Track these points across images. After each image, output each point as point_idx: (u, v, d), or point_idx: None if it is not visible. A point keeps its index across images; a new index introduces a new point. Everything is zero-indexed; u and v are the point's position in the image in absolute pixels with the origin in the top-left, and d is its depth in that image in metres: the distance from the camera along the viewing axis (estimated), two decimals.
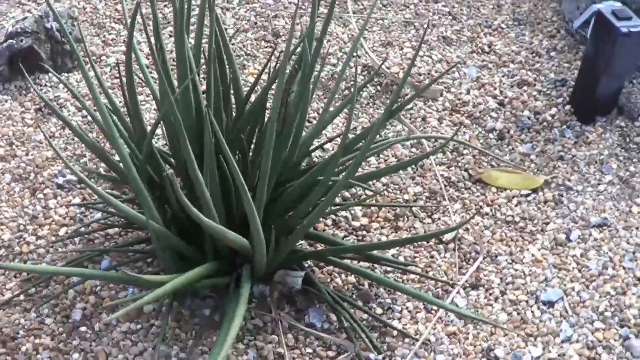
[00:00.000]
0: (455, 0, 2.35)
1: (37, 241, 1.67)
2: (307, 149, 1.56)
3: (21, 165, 1.84)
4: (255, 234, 1.24)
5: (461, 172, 1.80)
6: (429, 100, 1.99)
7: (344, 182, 1.31)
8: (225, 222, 1.43)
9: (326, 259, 1.52)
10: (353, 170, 1.31)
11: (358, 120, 1.96)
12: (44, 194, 1.77)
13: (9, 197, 1.77)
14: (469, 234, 1.66)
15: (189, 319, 1.52)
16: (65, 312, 1.55)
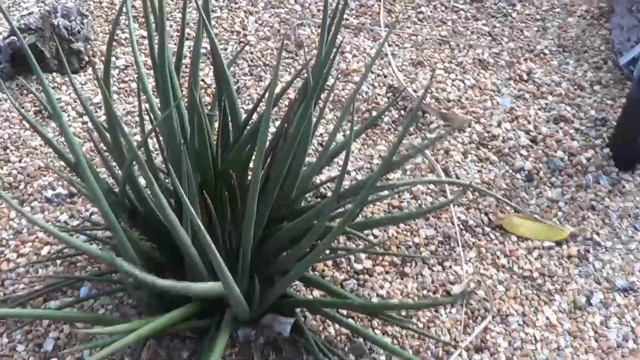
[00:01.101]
0: (498, 19, 2.26)
1: (18, 259, 1.65)
2: (306, 186, 1.49)
3: (12, 172, 1.82)
4: (229, 290, 1.18)
5: (481, 216, 1.72)
6: (455, 131, 1.91)
7: (336, 232, 1.25)
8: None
9: (319, 311, 1.46)
10: (346, 221, 1.24)
11: (376, 147, 1.89)
12: (31, 206, 1.74)
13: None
14: (480, 287, 1.59)
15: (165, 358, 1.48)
16: (38, 340, 1.52)
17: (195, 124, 1.27)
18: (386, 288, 1.60)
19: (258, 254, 1.47)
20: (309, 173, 1.47)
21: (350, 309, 1.44)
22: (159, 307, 1.46)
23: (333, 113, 1.99)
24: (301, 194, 1.47)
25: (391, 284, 1.61)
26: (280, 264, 1.47)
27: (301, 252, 1.40)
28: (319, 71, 1.37)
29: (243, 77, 2.07)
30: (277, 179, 1.38)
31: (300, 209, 1.49)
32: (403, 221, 1.65)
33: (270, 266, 1.48)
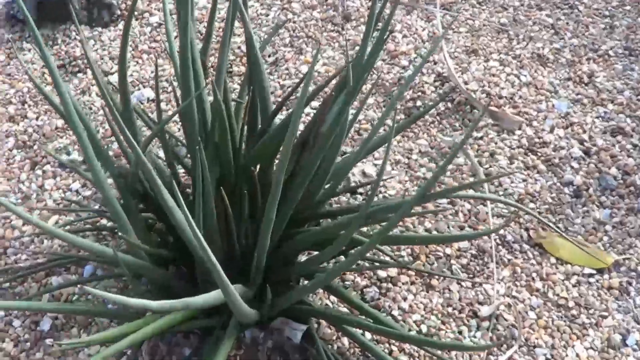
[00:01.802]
0: (563, 11, 2.15)
1: (24, 227, 1.60)
2: (335, 185, 1.42)
3: (28, 130, 1.77)
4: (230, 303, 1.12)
5: (520, 231, 1.64)
6: (504, 132, 1.82)
7: (365, 250, 1.17)
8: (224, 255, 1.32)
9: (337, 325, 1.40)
10: (375, 241, 1.16)
11: (416, 141, 1.81)
12: (43, 170, 1.70)
13: (7, 165, 1.70)
14: (510, 312, 1.51)
15: (165, 356, 1.43)
16: (35, 317, 1.48)
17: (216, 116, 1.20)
18: (409, 300, 1.53)
19: (275, 255, 1.40)
20: (340, 173, 1.39)
21: (368, 330, 1.37)
22: (163, 297, 1.41)
23: (375, 97, 1.91)
24: (328, 197, 1.39)
25: (415, 297, 1.54)
26: (299, 267, 1.40)
27: (323, 261, 1.34)
28: (362, 69, 1.28)
29: (282, 49, 1.99)
30: (303, 181, 1.31)
31: (325, 212, 1.42)
32: (437, 243, 1.57)
33: (287, 268, 1.42)
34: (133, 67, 1.92)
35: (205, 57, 1.35)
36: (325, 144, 1.29)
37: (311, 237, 1.35)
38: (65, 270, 1.54)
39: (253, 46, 1.27)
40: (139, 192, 1.39)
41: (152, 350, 1.44)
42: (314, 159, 1.29)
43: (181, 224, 1.15)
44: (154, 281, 1.37)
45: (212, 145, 1.25)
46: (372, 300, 1.53)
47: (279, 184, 1.12)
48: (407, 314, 1.51)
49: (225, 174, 1.32)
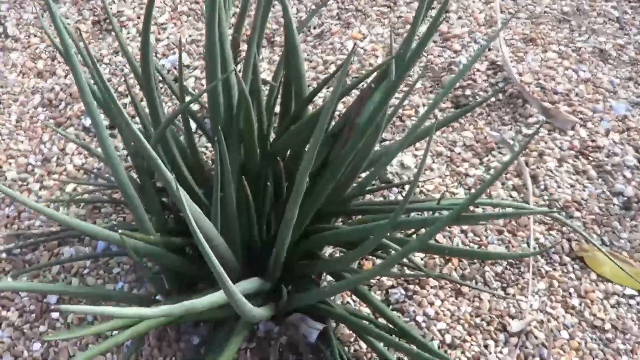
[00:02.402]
0: (630, 5, 2.03)
1: (41, 191, 1.56)
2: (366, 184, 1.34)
3: (55, 88, 1.71)
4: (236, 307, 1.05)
5: (562, 241, 1.55)
6: (556, 131, 1.73)
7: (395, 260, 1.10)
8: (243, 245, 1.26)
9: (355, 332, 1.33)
10: (406, 254, 1.09)
11: (461, 133, 1.72)
12: (67, 132, 1.63)
13: (31, 124, 1.65)
14: (541, 329, 1.43)
15: (173, 343, 1.38)
16: None
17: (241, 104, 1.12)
18: (436, 306, 1.46)
19: (297, 249, 1.34)
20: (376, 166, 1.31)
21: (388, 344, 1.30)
22: (175, 281, 1.36)
23: (422, 81, 1.82)
24: (358, 194, 1.32)
25: (443, 303, 1.47)
26: (321, 265, 1.34)
27: (347, 263, 1.27)
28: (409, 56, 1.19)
29: (329, 21, 1.91)
30: (332, 175, 1.24)
31: (355, 209, 1.35)
32: (469, 257, 1.48)
33: (308, 264, 1.35)
34: (170, 29, 1.85)
35: (238, 34, 1.27)
36: (360, 138, 1.21)
37: (335, 237, 1.29)
38: (78, 240, 1.50)
39: (292, 34, 1.19)
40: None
41: (159, 335, 1.39)
42: (346, 153, 1.22)
43: (186, 217, 1.08)
44: (167, 267, 1.31)
45: (236, 131, 1.18)
46: (397, 303, 1.46)
47: (302, 182, 1.05)
48: (432, 320, 1.44)
49: (249, 162, 1.25)
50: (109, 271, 1.45)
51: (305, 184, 1.06)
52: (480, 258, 1.45)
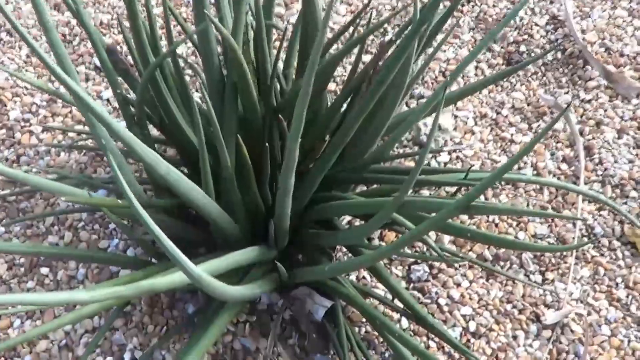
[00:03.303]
0: None
1: (42, 134, 1.43)
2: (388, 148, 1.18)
3: (71, 22, 1.58)
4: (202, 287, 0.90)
5: (613, 224, 1.37)
6: (618, 98, 1.53)
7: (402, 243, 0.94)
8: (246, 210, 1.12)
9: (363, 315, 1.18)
10: (424, 231, 0.93)
11: (511, 93, 1.54)
12: (77, 71, 1.50)
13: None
14: (580, 323, 1.26)
15: (165, 310, 1.25)
16: (36, 239, 1.31)
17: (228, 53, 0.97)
18: (462, 288, 1.30)
19: (304, 218, 1.19)
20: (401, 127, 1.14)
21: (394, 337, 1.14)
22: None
23: (472, 34, 1.63)
24: (376, 160, 1.16)
25: (470, 285, 1.31)
26: (326, 237, 1.19)
27: (352, 239, 1.12)
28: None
29: None
30: (341, 139, 1.08)
31: (369, 177, 1.19)
32: (495, 244, 1.30)
33: (315, 235, 1.20)
34: None
35: None
36: (370, 101, 1.05)
37: (340, 209, 1.13)
38: None
39: None
40: (152, 120, 1.19)
41: (151, 301, 1.26)
42: (357, 113, 1.05)
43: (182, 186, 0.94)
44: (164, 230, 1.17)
45: (231, 84, 1.03)
46: (418, 282, 1.31)
47: (293, 148, 0.89)
48: (456, 304, 1.28)
49: (251, 118, 1.10)
50: (105, 226, 1.33)
51: (297, 148, 0.90)
52: (508, 247, 1.27)
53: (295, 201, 1.16)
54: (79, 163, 1.39)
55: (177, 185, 0.95)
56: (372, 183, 1.26)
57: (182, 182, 0.96)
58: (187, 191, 0.97)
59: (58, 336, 1.24)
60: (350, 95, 1.15)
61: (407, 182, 0.90)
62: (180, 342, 1.23)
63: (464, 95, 1.29)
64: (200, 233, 1.22)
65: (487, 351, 1.24)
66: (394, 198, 0.93)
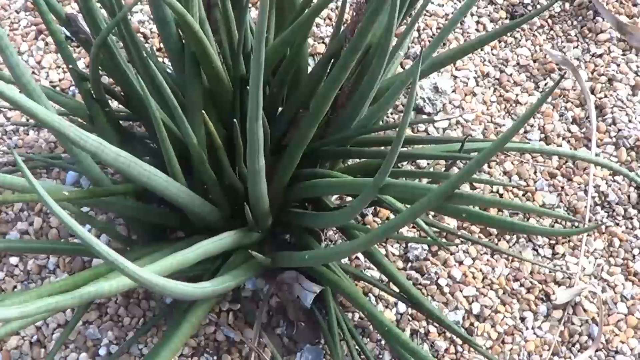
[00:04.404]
0: None
1: (10, 112, 1.31)
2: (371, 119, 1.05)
3: None
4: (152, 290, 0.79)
5: (628, 189, 1.25)
6: (632, 51, 1.40)
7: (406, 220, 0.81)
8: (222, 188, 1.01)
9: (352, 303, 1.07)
10: (412, 216, 0.80)
11: (515, 49, 1.40)
12: (46, 42, 1.40)
13: (10, 31, 1.41)
14: (593, 300, 1.14)
15: (142, 300, 1.14)
16: (4, 226, 1.20)
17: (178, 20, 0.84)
18: (464, 266, 1.18)
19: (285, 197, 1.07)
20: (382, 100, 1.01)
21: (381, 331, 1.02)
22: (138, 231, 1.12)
23: None
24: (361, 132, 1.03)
25: (474, 262, 1.19)
26: (306, 218, 1.07)
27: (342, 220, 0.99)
28: None
29: None
30: (318, 110, 0.95)
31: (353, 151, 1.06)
32: (493, 225, 1.14)
33: (297, 215, 1.08)
34: None
35: None
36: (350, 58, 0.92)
37: (327, 188, 1.01)
38: (46, 173, 1.26)
39: None
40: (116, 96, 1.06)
41: (126, 292, 1.15)
42: (336, 79, 0.93)
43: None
44: (122, 215, 1.06)
45: (190, 55, 0.90)
46: (417, 261, 1.19)
47: (254, 125, 0.77)
48: (458, 284, 1.17)
49: (216, 89, 0.97)
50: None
51: (259, 128, 0.78)
52: (506, 229, 1.13)
53: (278, 177, 1.05)
54: (49, 142, 1.28)
55: (130, 172, 0.83)
56: (358, 157, 1.13)
57: (135, 168, 0.84)
58: (142, 177, 0.85)
59: (29, 332, 1.14)
60: (331, 59, 1.02)
61: (386, 162, 0.77)
62: (159, 335, 1.13)
63: (461, 55, 1.16)
64: (177, 216, 1.11)
65: (492, 335, 1.13)
66: (374, 180, 0.81)
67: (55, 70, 1.36)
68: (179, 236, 1.17)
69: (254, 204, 0.99)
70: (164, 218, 1.10)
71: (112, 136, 1.04)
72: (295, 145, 1.00)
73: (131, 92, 1.04)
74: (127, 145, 1.08)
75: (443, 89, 1.33)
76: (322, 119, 0.98)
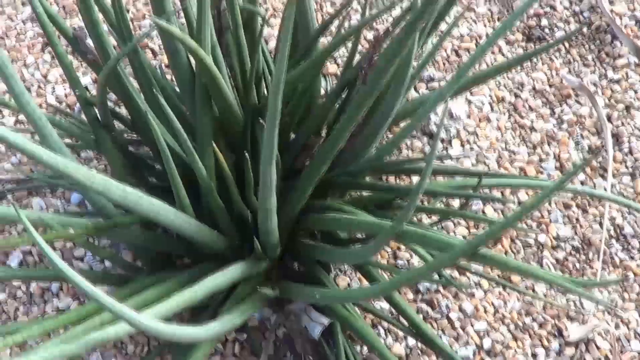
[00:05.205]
0: None
1: (16, 125, 1.28)
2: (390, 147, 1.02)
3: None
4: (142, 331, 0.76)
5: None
6: None
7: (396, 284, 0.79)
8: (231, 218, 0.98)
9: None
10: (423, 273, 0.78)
11: (532, 74, 1.37)
12: (52, 55, 1.35)
13: (17, 42, 1.38)
14: (606, 337, 1.11)
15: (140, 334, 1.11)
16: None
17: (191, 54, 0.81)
18: (476, 300, 1.15)
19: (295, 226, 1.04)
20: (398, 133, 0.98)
21: None
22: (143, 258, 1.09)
23: (488, 5, 1.46)
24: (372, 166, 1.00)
25: (485, 295, 1.16)
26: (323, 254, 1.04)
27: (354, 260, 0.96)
28: None
29: None
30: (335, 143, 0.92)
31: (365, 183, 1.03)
32: (509, 271, 1.10)
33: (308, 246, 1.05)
34: None
35: None
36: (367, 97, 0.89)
37: (338, 225, 0.98)
38: (51, 192, 1.22)
39: None
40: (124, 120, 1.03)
41: None
42: (353, 116, 0.90)
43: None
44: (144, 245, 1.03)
45: (201, 86, 0.87)
46: (427, 293, 1.16)
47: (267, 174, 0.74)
48: (469, 318, 1.14)
49: (229, 120, 0.94)
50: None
51: (272, 171, 0.75)
52: (521, 274, 1.09)
53: (289, 206, 1.02)
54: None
55: (138, 208, 0.80)
56: (369, 190, 1.10)
57: (143, 204, 0.81)
58: (151, 212, 0.82)
59: None
60: (345, 88, 0.99)
61: (405, 210, 0.74)
62: None
63: (477, 82, 1.13)
64: (183, 244, 1.08)
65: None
66: (391, 226, 0.77)
67: (62, 85, 1.32)
68: (185, 262, 1.14)
69: (264, 237, 0.96)
70: (170, 246, 1.07)
71: (118, 160, 1.02)
72: (307, 178, 0.97)
73: (138, 116, 1.01)
74: (132, 170, 1.05)
75: (457, 115, 1.30)
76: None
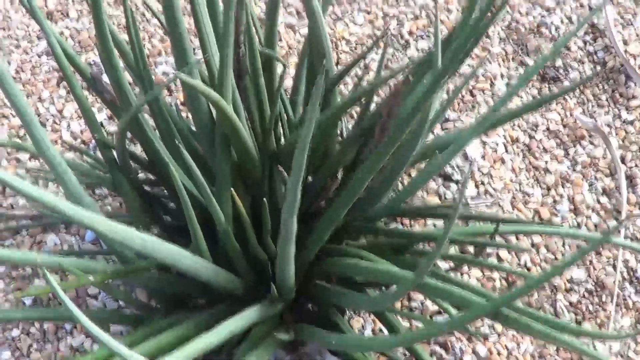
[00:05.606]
0: None
1: (30, 162, 1.28)
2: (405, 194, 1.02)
3: (64, 32, 1.43)
4: None
5: None
6: None
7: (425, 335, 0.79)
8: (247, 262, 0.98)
9: None
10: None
11: (546, 114, 1.37)
12: (68, 90, 1.36)
13: (32, 75, 1.38)
14: None
15: None
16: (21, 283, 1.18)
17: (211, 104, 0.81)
18: (489, 343, 1.15)
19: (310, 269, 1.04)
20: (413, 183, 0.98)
21: None
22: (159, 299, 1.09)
23: (502, 46, 1.46)
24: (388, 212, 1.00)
25: (499, 338, 1.15)
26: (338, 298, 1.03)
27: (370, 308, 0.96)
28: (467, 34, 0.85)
29: None
30: (353, 190, 0.92)
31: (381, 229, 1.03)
32: (526, 333, 1.10)
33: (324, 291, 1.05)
34: None
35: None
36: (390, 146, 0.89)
37: (355, 270, 0.97)
38: (65, 228, 1.22)
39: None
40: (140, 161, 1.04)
41: None
42: (371, 168, 0.90)
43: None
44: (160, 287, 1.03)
45: (221, 134, 0.87)
46: (441, 335, 1.15)
47: (289, 225, 0.74)
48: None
49: (247, 165, 0.94)
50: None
51: (294, 221, 0.75)
52: (546, 340, 1.08)
53: (306, 250, 1.02)
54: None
55: (157, 255, 0.80)
56: (386, 236, 1.09)
57: (161, 251, 0.81)
58: (169, 259, 0.82)
59: None
60: (361, 135, 0.99)
61: (425, 264, 0.74)
62: None
63: (494, 126, 1.13)
64: (199, 286, 1.07)
65: None
66: (412, 278, 0.77)
67: (77, 121, 1.33)
68: (200, 303, 1.13)
69: (280, 283, 0.95)
70: (186, 288, 1.07)
71: (134, 200, 1.02)
72: (325, 223, 0.97)
73: (156, 159, 1.01)
74: (148, 208, 1.06)
75: (472, 157, 1.30)
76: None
